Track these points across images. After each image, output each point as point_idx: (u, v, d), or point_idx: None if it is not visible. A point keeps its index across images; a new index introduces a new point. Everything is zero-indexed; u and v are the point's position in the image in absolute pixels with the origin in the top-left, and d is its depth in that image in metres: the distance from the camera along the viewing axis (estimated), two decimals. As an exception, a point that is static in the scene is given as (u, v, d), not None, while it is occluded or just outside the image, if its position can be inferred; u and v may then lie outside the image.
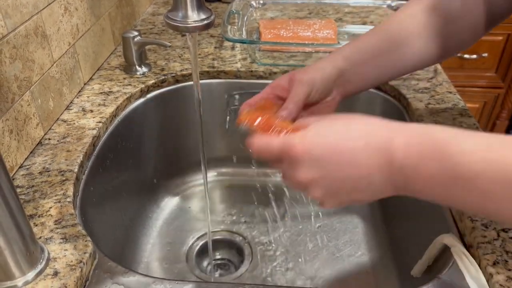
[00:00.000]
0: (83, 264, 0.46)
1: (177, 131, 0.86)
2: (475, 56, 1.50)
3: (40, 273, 0.45)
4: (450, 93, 0.75)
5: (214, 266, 0.79)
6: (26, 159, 0.60)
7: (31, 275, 0.44)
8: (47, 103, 0.64)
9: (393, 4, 0.93)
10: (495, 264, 0.45)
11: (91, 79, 0.78)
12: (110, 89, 0.75)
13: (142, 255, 0.76)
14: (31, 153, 0.61)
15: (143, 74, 0.80)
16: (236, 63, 0.84)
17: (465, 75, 1.56)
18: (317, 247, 0.79)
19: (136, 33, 0.77)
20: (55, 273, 0.45)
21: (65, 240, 0.48)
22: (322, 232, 0.82)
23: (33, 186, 0.56)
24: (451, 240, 0.49)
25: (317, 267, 0.75)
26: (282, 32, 0.89)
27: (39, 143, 0.63)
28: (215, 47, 0.90)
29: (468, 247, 0.49)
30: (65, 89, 0.69)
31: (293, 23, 0.92)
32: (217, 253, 0.81)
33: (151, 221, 0.82)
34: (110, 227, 0.68)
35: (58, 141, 0.63)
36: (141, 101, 0.77)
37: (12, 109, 0.56)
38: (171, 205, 0.87)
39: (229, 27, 0.81)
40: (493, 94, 1.62)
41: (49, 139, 0.63)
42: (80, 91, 0.74)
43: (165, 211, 0.85)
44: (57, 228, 0.50)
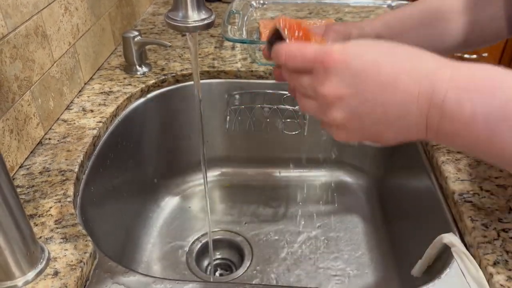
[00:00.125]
0: (84, 264, 0.46)
1: (177, 131, 0.86)
2: (475, 56, 1.51)
3: (40, 273, 0.45)
4: (450, 93, 0.75)
5: (214, 266, 0.79)
6: (26, 159, 0.60)
7: (31, 275, 0.44)
8: (48, 103, 0.64)
9: (393, 4, 0.93)
10: (495, 264, 0.45)
11: (91, 79, 0.78)
12: (110, 89, 0.75)
13: (142, 255, 0.76)
14: (31, 153, 0.61)
15: (143, 74, 0.80)
16: (236, 63, 0.84)
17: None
18: (317, 246, 0.79)
19: (136, 33, 0.77)
20: (56, 273, 0.45)
21: (65, 240, 0.48)
22: (322, 231, 0.82)
23: (33, 186, 0.56)
24: (451, 240, 0.49)
25: (317, 267, 0.75)
26: (282, 32, 0.89)
27: (39, 143, 0.63)
28: (215, 47, 0.90)
29: (468, 247, 0.49)
30: (65, 89, 0.69)
31: (293, 23, 0.91)
32: (217, 253, 0.81)
33: (151, 221, 0.82)
34: (110, 227, 0.68)
35: (58, 141, 0.63)
36: (142, 101, 0.77)
37: (12, 109, 0.56)
38: (171, 204, 0.87)
39: (229, 27, 0.81)
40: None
41: (50, 139, 0.63)
42: (80, 91, 0.74)
43: (165, 210, 0.85)
44: (57, 228, 0.50)
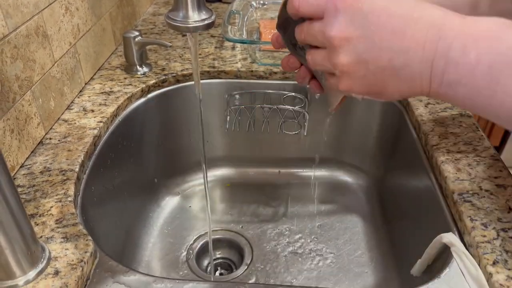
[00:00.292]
0: (84, 263, 0.46)
1: (177, 131, 0.86)
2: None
3: (41, 272, 0.45)
4: (450, 93, 0.75)
5: (214, 265, 0.79)
6: (27, 158, 0.60)
7: (32, 274, 0.44)
8: (48, 102, 0.64)
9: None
10: (494, 263, 0.45)
11: (92, 79, 0.78)
12: (111, 89, 0.76)
13: (142, 254, 0.77)
14: (32, 152, 0.61)
15: (144, 74, 0.80)
16: (236, 63, 0.84)
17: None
18: (317, 246, 0.79)
19: (137, 33, 0.77)
20: (56, 272, 0.45)
21: (66, 239, 0.49)
22: (322, 231, 0.82)
23: (34, 185, 0.56)
24: (450, 239, 0.49)
25: (317, 266, 0.76)
26: (282, 32, 0.89)
27: (40, 142, 0.63)
28: (216, 47, 0.91)
29: (467, 246, 0.49)
30: (66, 88, 0.69)
31: (294, 23, 0.92)
32: (218, 252, 0.81)
33: (151, 220, 0.83)
34: (111, 227, 0.68)
35: (59, 140, 0.63)
36: (142, 101, 0.77)
37: (13, 109, 0.56)
38: (171, 204, 0.87)
39: (230, 27, 0.81)
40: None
41: (50, 139, 0.64)
42: (81, 91, 0.75)
43: (165, 210, 0.86)
44: (58, 227, 0.50)
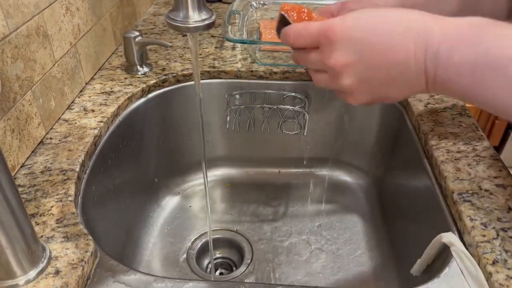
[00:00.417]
0: (85, 262, 0.46)
1: (178, 131, 0.86)
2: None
3: (41, 271, 0.45)
4: (450, 93, 0.75)
5: (214, 265, 0.79)
6: (27, 158, 0.60)
7: (32, 273, 0.44)
8: (49, 102, 0.65)
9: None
10: (494, 263, 0.45)
11: (92, 79, 0.78)
12: (111, 88, 0.76)
13: (143, 254, 0.77)
14: (32, 152, 0.61)
15: (144, 74, 0.80)
16: (236, 63, 0.85)
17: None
18: (317, 246, 0.79)
19: (137, 33, 0.77)
20: (57, 272, 0.45)
21: (66, 239, 0.49)
22: (322, 231, 0.82)
23: (34, 185, 0.56)
24: (450, 239, 0.49)
25: (316, 266, 0.76)
26: (282, 32, 0.89)
27: (40, 142, 0.63)
28: (216, 47, 0.91)
29: (467, 246, 0.50)
30: (66, 88, 0.69)
31: (294, 23, 0.92)
32: (218, 252, 0.81)
33: (152, 220, 0.83)
34: (111, 226, 0.68)
35: (59, 140, 0.63)
36: (142, 100, 0.78)
37: (13, 109, 0.56)
38: (171, 204, 0.87)
39: (230, 27, 0.81)
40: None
41: (51, 139, 0.64)
42: (81, 91, 0.75)
43: (166, 210, 0.86)
44: (58, 227, 0.50)
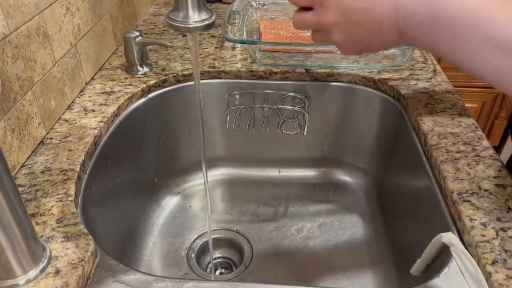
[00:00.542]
0: (85, 262, 0.46)
1: (178, 131, 0.87)
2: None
3: (42, 271, 0.45)
4: (449, 93, 0.75)
5: (214, 264, 0.79)
6: (28, 158, 0.60)
7: (32, 273, 0.44)
8: (49, 102, 0.65)
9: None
10: (494, 263, 0.46)
11: (92, 79, 0.78)
12: (111, 89, 0.76)
13: (143, 254, 0.77)
14: (33, 152, 0.61)
15: (144, 74, 0.80)
16: (236, 63, 0.85)
17: (464, 75, 1.54)
18: (317, 245, 0.79)
19: (137, 33, 0.77)
20: (57, 272, 0.45)
21: (66, 238, 0.49)
22: (321, 230, 0.82)
23: (35, 185, 0.56)
24: (450, 239, 0.49)
25: (316, 266, 0.76)
26: (282, 32, 0.89)
27: (41, 142, 0.63)
28: (216, 47, 0.91)
29: (467, 246, 0.50)
30: (66, 88, 0.69)
31: (293, 23, 0.92)
32: (218, 252, 0.81)
33: (152, 220, 0.83)
34: (111, 226, 0.68)
35: (60, 140, 0.64)
36: (142, 101, 0.78)
37: (14, 109, 0.56)
38: (172, 204, 0.87)
39: (230, 28, 0.81)
40: (492, 94, 1.62)
41: (51, 139, 0.64)
42: (81, 91, 0.75)
43: (166, 210, 0.86)
44: (58, 227, 0.50)
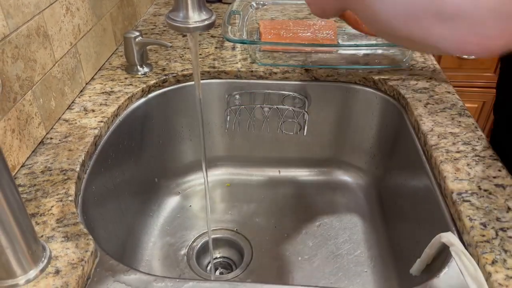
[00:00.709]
0: (85, 262, 0.46)
1: (178, 131, 0.87)
2: (473, 56, 1.50)
3: (41, 271, 0.45)
4: (449, 93, 0.75)
5: (214, 264, 0.79)
6: (28, 158, 0.60)
7: (32, 273, 0.44)
8: (49, 102, 0.65)
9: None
10: (493, 263, 0.46)
11: (92, 79, 0.79)
12: (111, 88, 0.76)
13: (143, 254, 0.77)
14: (33, 152, 0.61)
15: (144, 74, 0.80)
16: (236, 63, 0.85)
17: (464, 75, 1.56)
18: (317, 245, 0.79)
19: (137, 33, 0.77)
20: (57, 272, 0.45)
21: (66, 238, 0.49)
22: (321, 230, 0.82)
23: (35, 185, 0.56)
24: (449, 239, 0.49)
25: (316, 266, 0.76)
26: (282, 32, 0.89)
27: (41, 142, 0.63)
28: (216, 47, 0.91)
29: (466, 246, 0.50)
30: (67, 88, 0.69)
31: (293, 24, 0.92)
32: (218, 252, 0.81)
33: (152, 220, 0.83)
34: (111, 226, 0.68)
35: (60, 140, 0.64)
36: (143, 100, 0.78)
37: (14, 109, 0.56)
38: (172, 204, 0.87)
39: (230, 28, 0.81)
40: (492, 94, 1.61)
41: (51, 139, 0.64)
42: (81, 91, 0.75)
43: (166, 210, 0.86)
44: (58, 226, 0.50)
